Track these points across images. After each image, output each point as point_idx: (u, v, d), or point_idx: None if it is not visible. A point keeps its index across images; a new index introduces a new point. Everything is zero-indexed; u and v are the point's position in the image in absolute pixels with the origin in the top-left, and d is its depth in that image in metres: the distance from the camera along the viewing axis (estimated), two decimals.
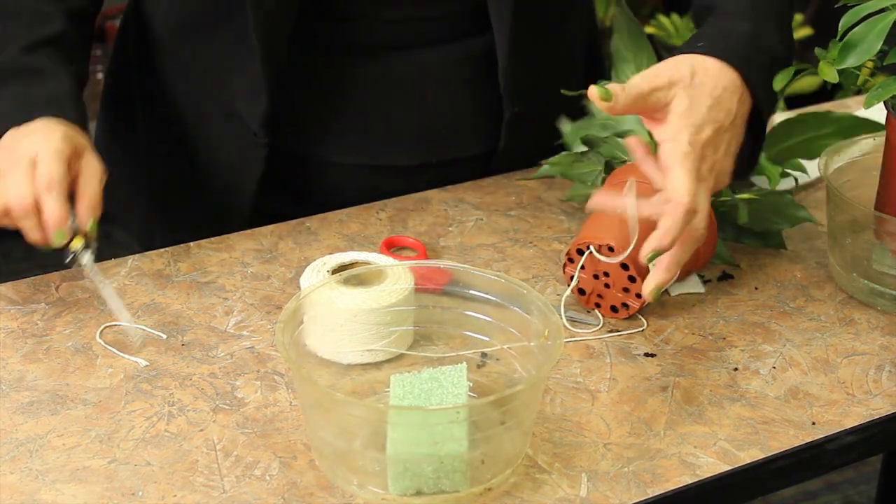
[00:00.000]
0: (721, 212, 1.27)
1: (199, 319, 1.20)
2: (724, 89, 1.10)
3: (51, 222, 1.14)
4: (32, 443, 1.04)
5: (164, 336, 1.17)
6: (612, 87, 1.06)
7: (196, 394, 1.10)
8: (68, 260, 1.19)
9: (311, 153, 1.40)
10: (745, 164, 1.17)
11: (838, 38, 1.13)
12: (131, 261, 1.29)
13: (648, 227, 1.06)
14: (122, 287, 1.24)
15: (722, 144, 1.10)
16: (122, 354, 1.14)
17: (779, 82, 1.18)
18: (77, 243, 1.18)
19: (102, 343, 1.16)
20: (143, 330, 1.15)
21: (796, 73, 1.20)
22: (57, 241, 1.15)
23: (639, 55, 1.36)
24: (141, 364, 1.13)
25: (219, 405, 1.08)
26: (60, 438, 1.04)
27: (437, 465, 0.96)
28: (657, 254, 1.05)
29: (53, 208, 1.14)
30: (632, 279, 1.17)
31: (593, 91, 1.05)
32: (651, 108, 1.09)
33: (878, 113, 1.23)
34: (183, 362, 1.14)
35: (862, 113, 1.59)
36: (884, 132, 1.24)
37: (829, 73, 1.16)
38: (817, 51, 1.18)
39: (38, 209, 1.15)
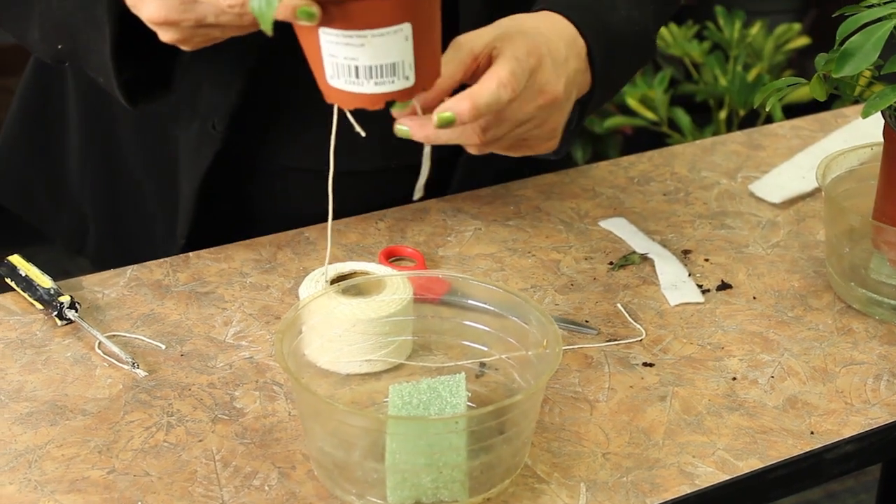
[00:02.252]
0: None
1: (198, 330, 1.20)
2: (552, 30, 1.07)
3: None
4: (31, 453, 1.04)
5: (163, 346, 1.17)
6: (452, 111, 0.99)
7: (195, 404, 1.10)
8: (55, 314, 1.19)
9: (261, 155, 1.36)
10: (568, 133, 1.15)
11: (836, 46, 1.13)
12: (130, 271, 1.29)
13: None
14: (121, 297, 1.24)
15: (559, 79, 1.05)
16: (121, 365, 1.14)
17: (772, 99, 1.19)
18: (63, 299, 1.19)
19: (101, 354, 1.16)
20: (132, 362, 1.14)
21: (790, 87, 1.21)
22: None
23: None
24: (140, 374, 1.13)
25: (218, 415, 1.08)
26: (59, 449, 1.04)
27: (435, 475, 0.96)
28: (450, 121, 0.97)
29: None
30: None
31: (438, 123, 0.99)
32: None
33: (875, 123, 1.23)
34: (182, 372, 1.14)
35: (861, 123, 1.60)
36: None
37: (819, 91, 1.17)
38: (817, 58, 1.18)
39: None
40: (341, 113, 0.99)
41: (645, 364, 1.16)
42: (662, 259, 1.33)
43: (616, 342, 1.19)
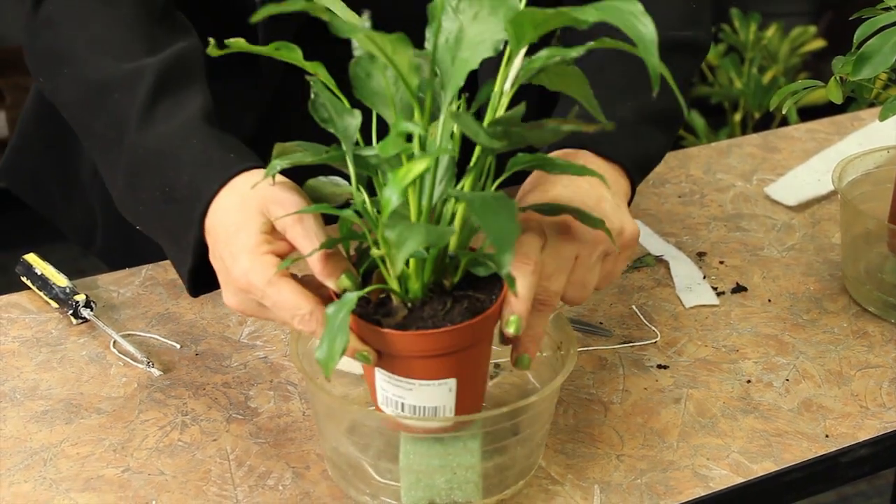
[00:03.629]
0: None
1: (213, 329, 1.20)
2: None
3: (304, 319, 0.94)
4: (46, 451, 1.04)
5: (178, 346, 1.17)
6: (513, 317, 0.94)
7: (209, 403, 1.10)
8: (71, 312, 1.20)
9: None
10: None
11: (853, 49, 1.13)
12: (145, 270, 1.29)
13: None
14: (136, 296, 1.25)
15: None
16: (135, 364, 1.14)
17: (788, 102, 1.19)
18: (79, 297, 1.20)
19: (116, 353, 1.16)
20: (147, 361, 1.15)
21: (806, 89, 1.20)
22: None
23: None
24: (155, 374, 1.13)
25: (232, 415, 1.08)
26: (74, 447, 1.04)
27: (449, 475, 0.96)
28: (518, 322, 0.93)
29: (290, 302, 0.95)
30: None
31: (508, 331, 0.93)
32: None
33: (892, 126, 1.23)
34: (196, 372, 1.14)
35: (877, 126, 1.60)
36: None
37: (835, 94, 1.17)
38: (834, 61, 1.18)
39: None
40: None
41: (659, 366, 1.16)
42: (677, 261, 1.32)
43: (630, 344, 1.19)
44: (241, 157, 1.03)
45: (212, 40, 0.92)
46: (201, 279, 1.04)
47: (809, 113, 2.27)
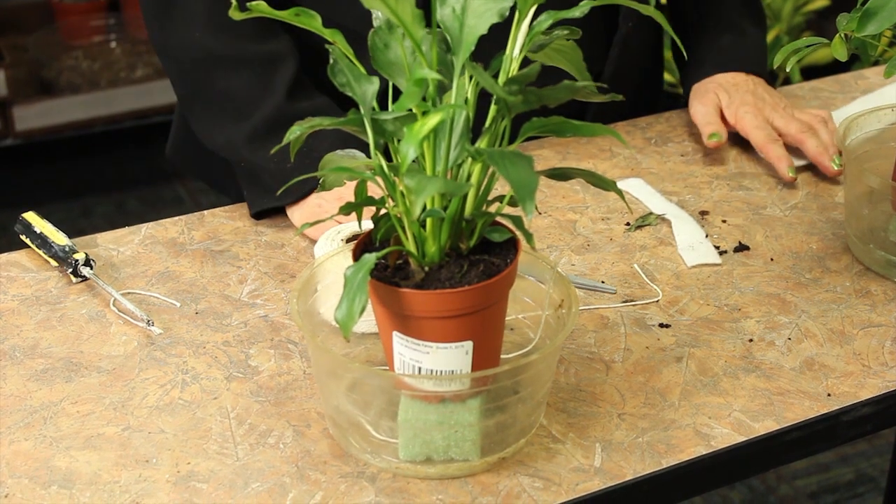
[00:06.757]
0: None
1: (213, 288, 1.20)
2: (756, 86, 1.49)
3: None
4: (46, 410, 1.04)
5: (178, 304, 1.17)
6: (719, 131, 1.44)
7: (210, 362, 1.10)
8: (70, 271, 1.19)
9: None
10: None
11: (858, 5, 1.12)
12: (145, 229, 1.28)
13: None
14: (136, 255, 1.24)
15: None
16: (135, 322, 1.14)
17: (792, 59, 1.18)
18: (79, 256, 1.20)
19: (116, 311, 1.16)
20: (147, 319, 1.14)
21: (809, 47, 1.19)
22: None
23: None
24: (155, 332, 1.13)
25: (232, 373, 1.08)
26: (74, 405, 1.04)
27: (447, 432, 0.96)
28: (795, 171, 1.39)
29: None
30: None
31: (711, 142, 1.44)
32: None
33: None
34: (197, 330, 1.14)
35: (884, 91, 1.58)
36: None
37: (840, 51, 1.16)
38: (839, 17, 1.16)
39: None
40: None
41: (661, 325, 1.16)
42: (679, 220, 1.32)
43: (632, 303, 1.18)
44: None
45: (234, 2, 0.95)
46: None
47: (813, 73, 2.26)
